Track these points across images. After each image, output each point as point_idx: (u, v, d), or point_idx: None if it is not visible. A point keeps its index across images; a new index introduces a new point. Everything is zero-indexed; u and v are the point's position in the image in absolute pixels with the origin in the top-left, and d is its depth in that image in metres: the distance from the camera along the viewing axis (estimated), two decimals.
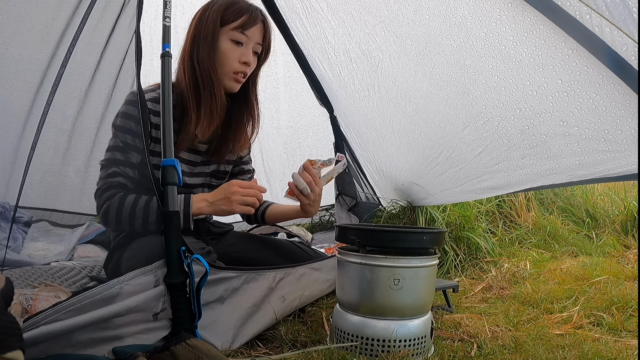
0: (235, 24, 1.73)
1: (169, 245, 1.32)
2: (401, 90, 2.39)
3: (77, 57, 1.85)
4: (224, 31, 1.74)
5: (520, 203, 3.80)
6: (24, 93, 1.95)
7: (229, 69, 1.76)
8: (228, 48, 1.74)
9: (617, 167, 1.80)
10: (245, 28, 1.75)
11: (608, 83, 1.57)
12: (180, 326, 1.31)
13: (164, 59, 1.45)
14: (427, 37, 2.03)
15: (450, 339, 1.60)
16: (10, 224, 2.10)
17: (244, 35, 1.75)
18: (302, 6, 2.50)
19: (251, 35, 1.77)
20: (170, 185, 1.35)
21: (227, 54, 1.74)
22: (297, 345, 1.52)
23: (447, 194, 2.71)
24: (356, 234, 1.45)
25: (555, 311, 1.94)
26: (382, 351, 1.35)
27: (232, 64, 1.76)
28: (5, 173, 2.04)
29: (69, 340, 1.13)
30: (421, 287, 1.41)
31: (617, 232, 3.76)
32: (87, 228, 2.52)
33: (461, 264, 2.73)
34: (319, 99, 3.02)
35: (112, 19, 1.79)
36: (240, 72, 1.78)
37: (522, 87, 1.84)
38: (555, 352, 1.48)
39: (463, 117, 2.18)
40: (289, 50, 2.89)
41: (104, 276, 1.81)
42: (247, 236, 2.17)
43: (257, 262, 1.84)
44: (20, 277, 1.75)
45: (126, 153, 1.58)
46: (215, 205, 1.64)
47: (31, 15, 1.81)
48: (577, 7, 1.44)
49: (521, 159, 2.10)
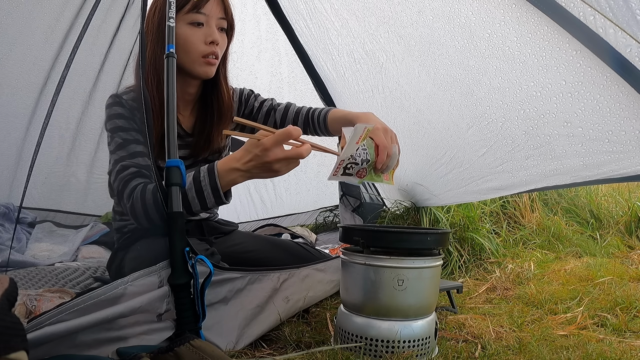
0: (188, 6, 1.63)
1: (173, 246, 1.32)
2: (405, 91, 2.39)
3: (81, 58, 1.85)
4: (179, 17, 1.63)
5: (525, 204, 3.80)
6: (27, 94, 1.96)
7: (196, 54, 1.67)
8: (188, 32, 1.65)
9: (621, 168, 1.80)
10: (199, 7, 1.64)
11: (612, 84, 1.57)
12: (184, 327, 1.30)
13: (168, 59, 1.45)
14: (430, 38, 2.03)
15: (454, 340, 1.60)
16: (15, 224, 2.11)
17: (201, 14, 1.65)
18: (305, 7, 2.50)
19: (209, 12, 1.67)
20: (174, 186, 1.35)
21: (189, 39, 1.65)
22: (301, 346, 1.52)
23: (451, 195, 2.70)
24: (360, 234, 1.45)
25: (559, 312, 1.94)
26: (386, 352, 1.35)
27: (197, 47, 1.66)
28: (9, 174, 2.04)
29: (73, 341, 1.13)
30: (425, 287, 1.41)
31: (622, 233, 3.75)
32: (91, 229, 2.52)
33: (465, 264, 2.73)
34: (322, 99, 3.02)
35: (116, 20, 1.79)
36: (210, 54, 1.69)
37: (526, 88, 1.84)
38: (559, 353, 1.47)
39: (467, 118, 2.18)
40: (293, 51, 2.89)
41: (107, 277, 1.81)
42: (253, 236, 2.17)
43: (268, 261, 1.84)
44: (25, 277, 1.75)
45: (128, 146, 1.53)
46: (252, 174, 1.41)
47: (35, 16, 1.81)
48: (581, 8, 1.44)
49: (525, 160, 2.10)
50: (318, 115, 1.92)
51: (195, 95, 1.84)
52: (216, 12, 1.69)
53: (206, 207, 1.46)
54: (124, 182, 1.49)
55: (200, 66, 1.69)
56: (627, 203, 4.01)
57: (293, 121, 1.96)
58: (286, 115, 1.97)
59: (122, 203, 1.52)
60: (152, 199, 1.40)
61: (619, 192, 4.39)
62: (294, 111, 1.97)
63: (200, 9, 1.64)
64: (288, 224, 3.65)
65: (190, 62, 1.69)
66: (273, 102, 2.01)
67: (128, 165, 1.51)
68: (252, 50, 3.15)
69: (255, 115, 1.99)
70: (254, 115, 1.99)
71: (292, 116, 1.96)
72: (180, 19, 1.64)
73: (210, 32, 1.67)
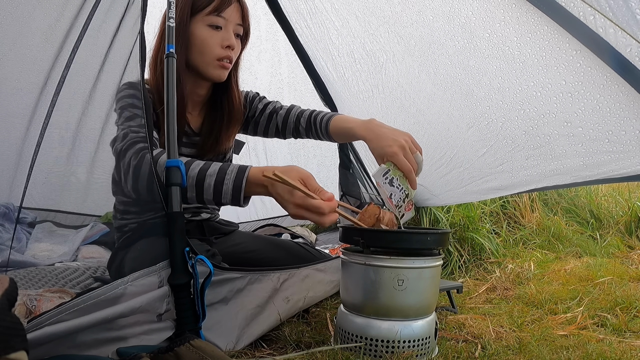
0: (209, 8, 1.66)
1: (173, 246, 1.32)
2: (405, 91, 2.38)
3: (81, 58, 1.85)
4: (198, 19, 1.67)
5: (525, 204, 3.80)
6: (27, 94, 1.95)
7: (212, 57, 1.70)
8: (206, 34, 1.68)
9: (621, 168, 1.80)
10: (220, 10, 1.67)
11: (612, 84, 1.57)
12: (184, 327, 1.30)
13: (168, 59, 1.44)
14: (431, 38, 2.03)
15: (454, 340, 1.60)
16: (14, 224, 2.11)
17: (221, 17, 1.68)
18: (306, 7, 2.50)
19: (229, 17, 1.70)
20: (174, 186, 1.35)
21: (206, 41, 1.68)
22: (301, 346, 1.52)
23: (451, 195, 2.70)
24: (360, 234, 1.44)
25: (559, 312, 1.94)
26: (386, 352, 1.35)
27: (213, 50, 1.70)
28: (9, 174, 2.04)
29: (73, 341, 1.13)
30: (425, 287, 1.41)
31: (622, 233, 3.76)
32: (91, 229, 2.52)
33: (465, 264, 2.73)
34: (323, 99, 3.02)
35: (116, 20, 1.79)
36: (225, 58, 1.72)
37: (526, 88, 1.84)
38: (559, 353, 1.47)
39: (467, 118, 2.18)
40: (293, 51, 2.89)
41: (108, 277, 1.81)
42: (253, 236, 2.17)
43: (268, 261, 1.84)
44: (25, 277, 1.75)
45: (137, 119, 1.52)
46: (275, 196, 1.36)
47: (35, 16, 1.81)
48: (581, 7, 1.44)
49: (525, 160, 2.10)
50: (320, 120, 1.93)
51: (204, 97, 1.86)
52: (235, 17, 1.72)
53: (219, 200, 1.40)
54: (131, 142, 1.47)
55: (214, 69, 1.72)
56: (627, 203, 4.01)
57: (295, 125, 1.97)
58: (287, 119, 1.98)
59: (122, 163, 1.47)
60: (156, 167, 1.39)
61: (619, 192, 4.40)
62: (296, 114, 1.97)
63: (221, 12, 1.68)
64: (288, 224, 3.64)
65: (205, 64, 1.71)
66: (276, 105, 2.02)
67: (137, 131, 1.49)
68: (252, 51, 3.14)
69: (258, 117, 2.01)
70: (256, 118, 2.01)
71: (293, 119, 1.97)
72: (199, 20, 1.68)
73: (227, 37, 1.70)
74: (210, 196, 1.40)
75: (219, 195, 1.39)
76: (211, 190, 1.39)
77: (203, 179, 1.39)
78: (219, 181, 1.39)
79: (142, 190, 1.43)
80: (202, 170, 1.39)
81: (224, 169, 1.40)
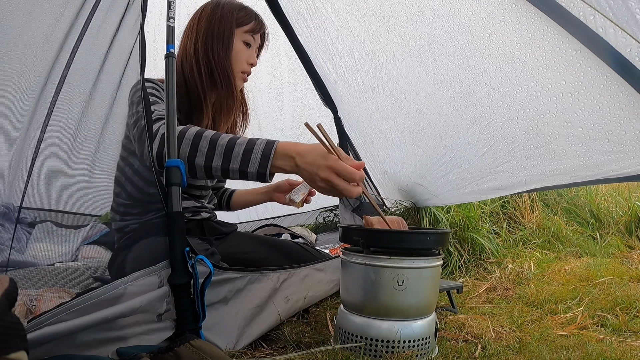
0: (248, 27, 1.87)
1: (173, 246, 1.32)
2: (405, 91, 2.39)
3: (81, 58, 1.85)
4: (238, 32, 1.86)
5: (525, 204, 3.80)
6: (27, 94, 1.95)
7: (239, 69, 1.88)
8: (241, 49, 1.87)
9: (621, 168, 1.80)
10: (255, 32, 1.89)
11: (612, 84, 1.57)
12: (184, 327, 1.30)
13: (168, 59, 1.44)
14: (431, 38, 2.03)
15: (454, 340, 1.60)
16: (15, 224, 2.11)
17: (253, 38, 1.89)
18: (306, 7, 2.50)
19: (257, 40, 1.92)
20: (174, 186, 1.35)
21: (240, 54, 1.87)
22: (301, 345, 1.52)
23: (451, 195, 2.70)
24: (360, 234, 1.44)
25: (559, 312, 1.94)
26: (386, 352, 1.35)
27: (242, 64, 1.88)
28: (9, 174, 2.04)
29: (73, 341, 1.13)
30: (425, 287, 1.41)
31: (621, 233, 3.75)
32: (91, 229, 2.52)
33: (465, 264, 2.73)
34: (323, 99, 3.02)
35: (116, 20, 1.79)
36: (247, 73, 1.92)
37: (526, 88, 1.84)
38: (559, 353, 1.47)
39: (467, 118, 2.18)
40: (293, 51, 2.89)
41: (108, 277, 1.81)
42: (252, 237, 2.17)
43: (264, 262, 1.84)
44: (25, 277, 1.75)
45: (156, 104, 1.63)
46: (303, 167, 1.34)
47: (35, 16, 1.81)
48: (581, 7, 1.44)
49: (525, 160, 2.10)
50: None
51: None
52: (258, 43, 1.96)
53: (245, 168, 1.37)
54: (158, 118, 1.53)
55: (238, 80, 1.91)
56: (627, 203, 4.01)
57: None
58: None
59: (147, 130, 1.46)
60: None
61: (619, 192, 4.40)
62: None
63: (255, 34, 1.90)
64: (288, 224, 3.64)
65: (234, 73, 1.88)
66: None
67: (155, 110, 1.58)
68: None
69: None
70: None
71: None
72: (238, 34, 1.87)
73: (253, 56, 1.93)
74: (237, 164, 1.37)
75: (246, 164, 1.36)
76: (239, 159, 1.37)
77: (232, 147, 1.37)
78: (248, 149, 1.37)
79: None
80: (232, 139, 1.39)
81: (253, 139, 1.39)
